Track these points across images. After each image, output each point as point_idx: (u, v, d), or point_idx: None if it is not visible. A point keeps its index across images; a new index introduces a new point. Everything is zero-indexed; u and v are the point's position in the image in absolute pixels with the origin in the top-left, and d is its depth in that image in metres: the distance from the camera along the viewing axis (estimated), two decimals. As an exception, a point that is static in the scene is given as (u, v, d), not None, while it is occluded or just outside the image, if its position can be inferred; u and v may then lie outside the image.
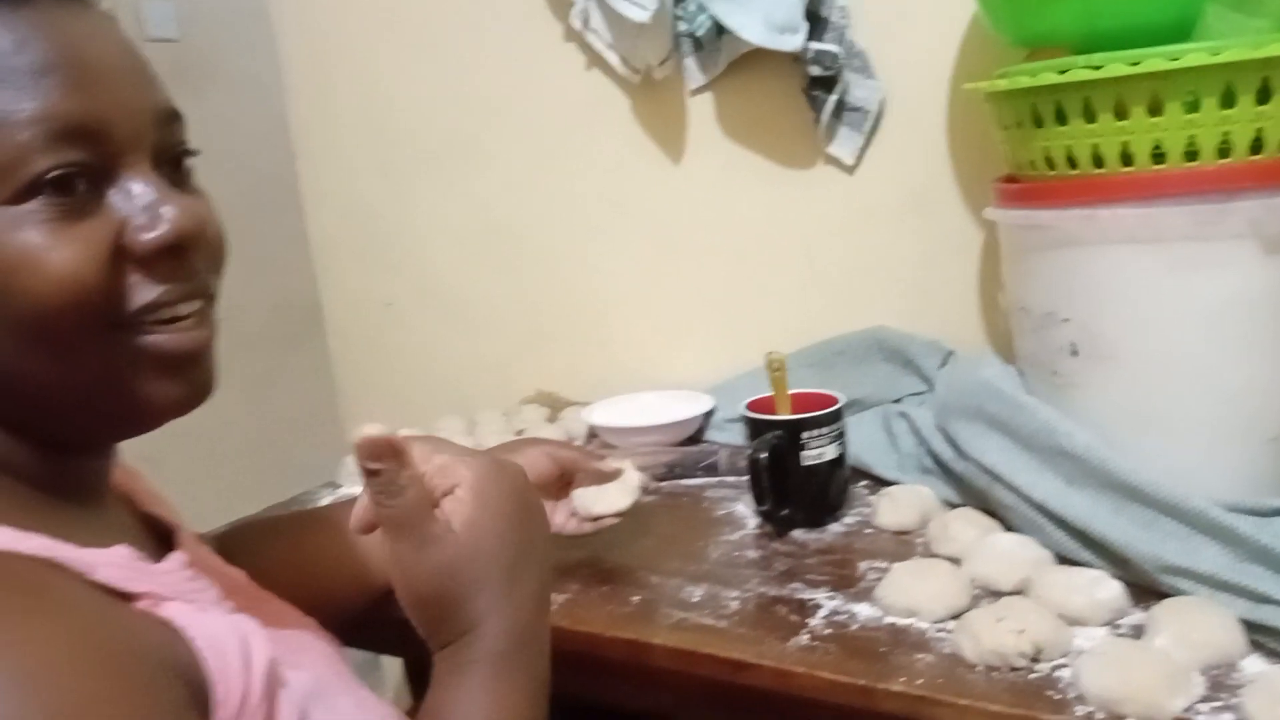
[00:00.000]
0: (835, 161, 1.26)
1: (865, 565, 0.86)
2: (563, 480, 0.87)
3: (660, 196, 1.39)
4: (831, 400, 0.96)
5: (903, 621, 0.76)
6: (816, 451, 0.93)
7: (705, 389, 1.31)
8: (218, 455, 1.45)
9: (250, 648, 0.49)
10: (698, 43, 1.24)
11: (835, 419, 0.94)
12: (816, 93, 1.19)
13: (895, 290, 1.26)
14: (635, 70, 1.31)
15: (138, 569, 0.50)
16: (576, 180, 1.45)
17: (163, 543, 0.62)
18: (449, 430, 1.31)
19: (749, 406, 0.98)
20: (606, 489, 0.86)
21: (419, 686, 1.19)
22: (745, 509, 1.00)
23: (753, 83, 1.27)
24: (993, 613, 0.70)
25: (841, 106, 1.21)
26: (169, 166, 0.55)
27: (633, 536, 0.93)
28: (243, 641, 0.49)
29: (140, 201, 0.51)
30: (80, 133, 0.49)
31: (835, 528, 0.94)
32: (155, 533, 0.63)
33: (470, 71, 1.48)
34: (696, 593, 0.83)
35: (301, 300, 1.71)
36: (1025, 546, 0.81)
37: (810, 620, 0.77)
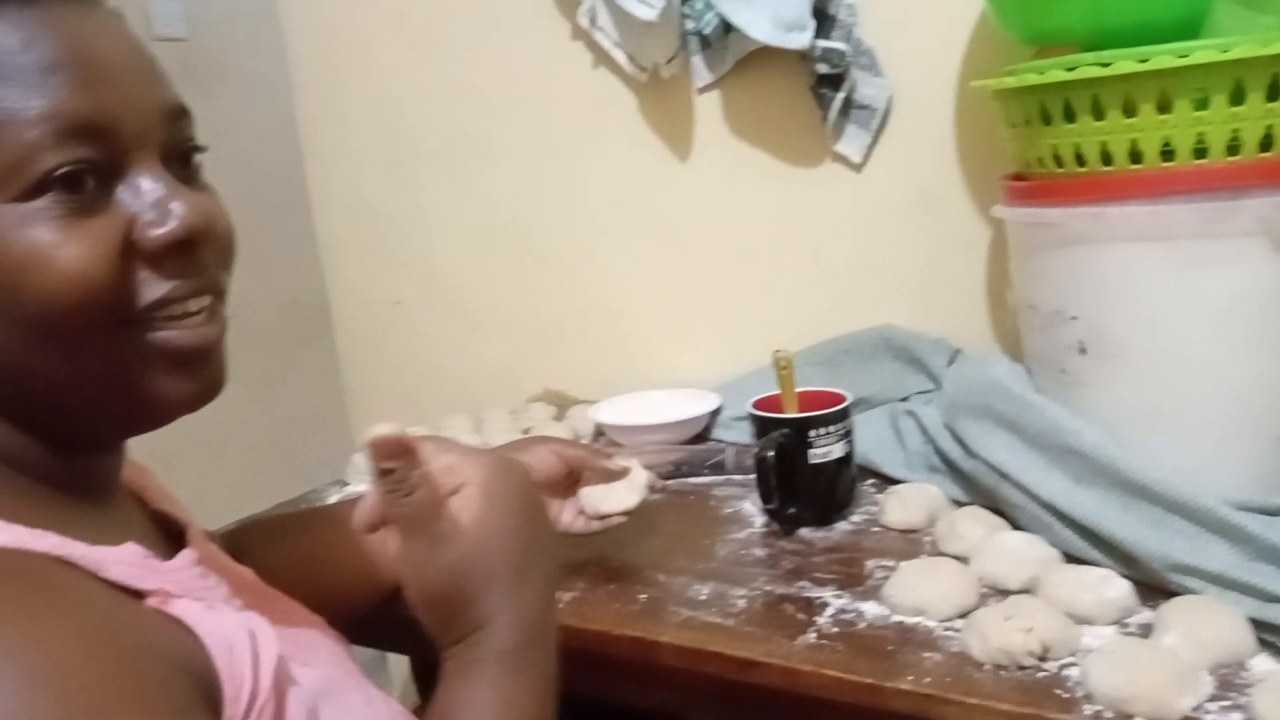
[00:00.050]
0: (843, 159, 1.25)
1: (872, 564, 0.86)
2: (570, 479, 0.87)
3: (667, 195, 1.39)
4: (839, 398, 0.96)
5: (910, 620, 0.76)
6: (824, 450, 0.93)
7: (712, 387, 1.31)
8: (226, 453, 1.46)
9: (259, 645, 0.49)
10: (705, 41, 1.24)
11: (842, 417, 0.94)
12: (824, 91, 1.19)
13: (903, 288, 1.26)
14: (642, 68, 1.31)
15: (147, 566, 0.50)
16: (584, 179, 1.45)
17: (172, 540, 0.62)
18: (456, 428, 1.31)
19: (756, 405, 0.98)
20: (614, 488, 0.86)
21: (425, 684, 1.19)
22: (752, 507, 1.00)
23: (760, 81, 1.27)
24: (1001, 611, 0.70)
25: (849, 104, 1.21)
26: (177, 163, 0.55)
27: (640, 535, 0.94)
28: (252, 639, 0.49)
29: (149, 198, 0.52)
30: (88, 130, 0.49)
31: (842, 526, 0.94)
32: (165, 530, 0.63)
33: (478, 70, 1.48)
34: (704, 591, 0.83)
35: (309, 299, 1.71)
36: (1033, 545, 0.81)
37: (818, 618, 0.77)
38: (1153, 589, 0.75)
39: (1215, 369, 0.81)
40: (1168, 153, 0.80)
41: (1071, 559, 0.80)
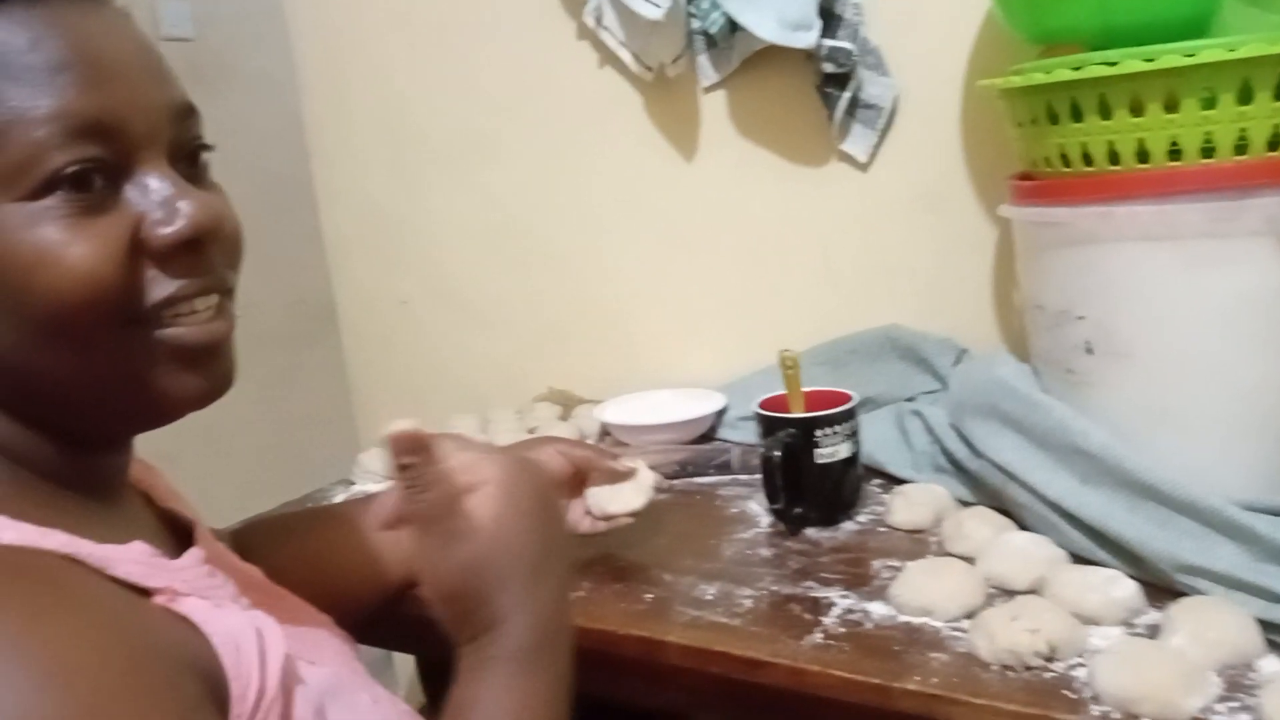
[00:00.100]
0: (849, 159, 1.25)
1: (879, 564, 0.85)
2: (577, 479, 0.87)
3: (673, 194, 1.38)
4: (845, 398, 0.96)
5: (917, 620, 0.75)
6: (830, 450, 0.93)
7: (718, 387, 1.31)
8: (232, 452, 1.46)
9: (266, 644, 0.49)
10: (711, 40, 1.24)
11: (849, 417, 0.94)
12: (830, 90, 1.19)
13: (909, 288, 1.26)
14: (648, 68, 1.31)
15: (155, 565, 0.50)
16: (589, 178, 1.45)
17: (180, 539, 0.62)
18: (462, 428, 1.31)
19: (762, 404, 0.97)
20: (621, 488, 0.86)
21: (431, 684, 1.19)
22: (758, 507, 1.00)
23: (766, 80, 1.27)
24: (1007, 612, 0.70)
25: (855, 104, 1.20)
26: (185, 162, 0.55)
27: (646, 534, 0.93)
28: (259, 637, 0.49)
29: (157, 197, 0.52)
30: (96, 129, 0.49)
31: (849, 526, 0.94)
32: (172, 529, 0.63)
33: (483, 70, 1.48)
34: (710, 591, 0.83)
35: (316, 298, 1.71)
36: (1040, 545, 0.81)
37: (824, 618, 0.77)
38: (1160, 590, 0.75)
39: (1222, 368, 0.81)
40: (1175, 152, 0.80)
41: (1078, 559, 0.80)
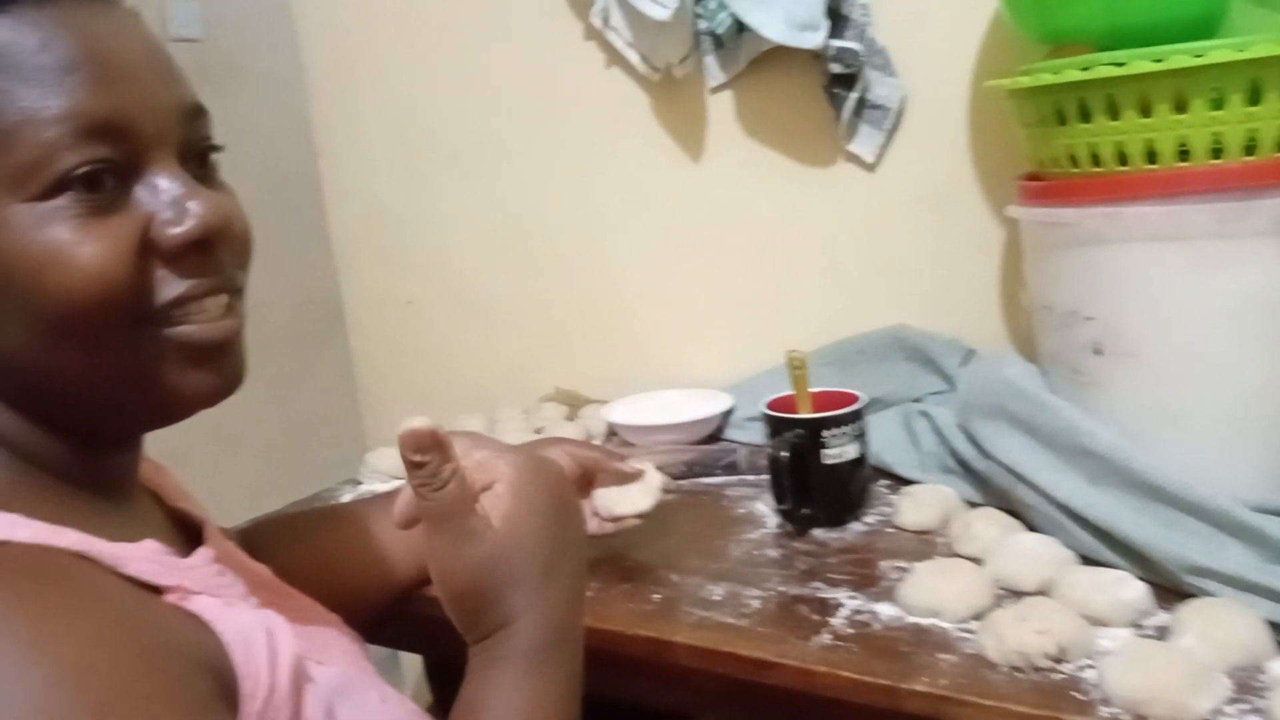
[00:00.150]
0: (856, 159, 1.25)
1: (887, 565, 0.85)
2: (584, 480, 0.87)
3: (680, 195, 1.38)
4: (852, 399, 0.96)
5: (925, 621, 0.75)
6: (837, 450, 0.93)
7: (725, 387, 1.31)
8: (240, 452, 1.46)
9: (277, 642, 0.49)
10: (718, 40, 1.24)
11: (856, 418, 0.94)
12: (837, 90, 1.19)
13: (916, 288, 1.26)
14: (655, 68, 1.31)
15: (166, 563, 0.50)
16: (596, 178, 1.45)
17: (189, 538, 0.62)
18: (469, 428, 1.31)
19: (770, 405, 0.97)
20: (628, 490, 0.86)
21: (438, 684, 1.19)
22: (765, 508, 1.00)
23: (773, 80, 1.27)
24: (1016, 613, 0.70)
25: (862, 104, 1.20)
26: (195, 162, 0.55)
27: (653, 535, 0.93)
28: (269, 636, 0.49)
29: (166, 197, 0.52)
30: (106, 129, 0.49)
31: (856, 527, 0.94)
32: (182, 528, 0.63)
33: (491, 70, 1.48)
34: (717, 591, 0.83)
35: (323, 298, 1.72)
36: (1048, 546, 0.81)
37: (832, 619, 0.77)
38: (1168, 591, 0.75)
39: (1230, 369, 0.81)
40: (1183, 152, 0.80)
41: (1087, 560, 0.80)
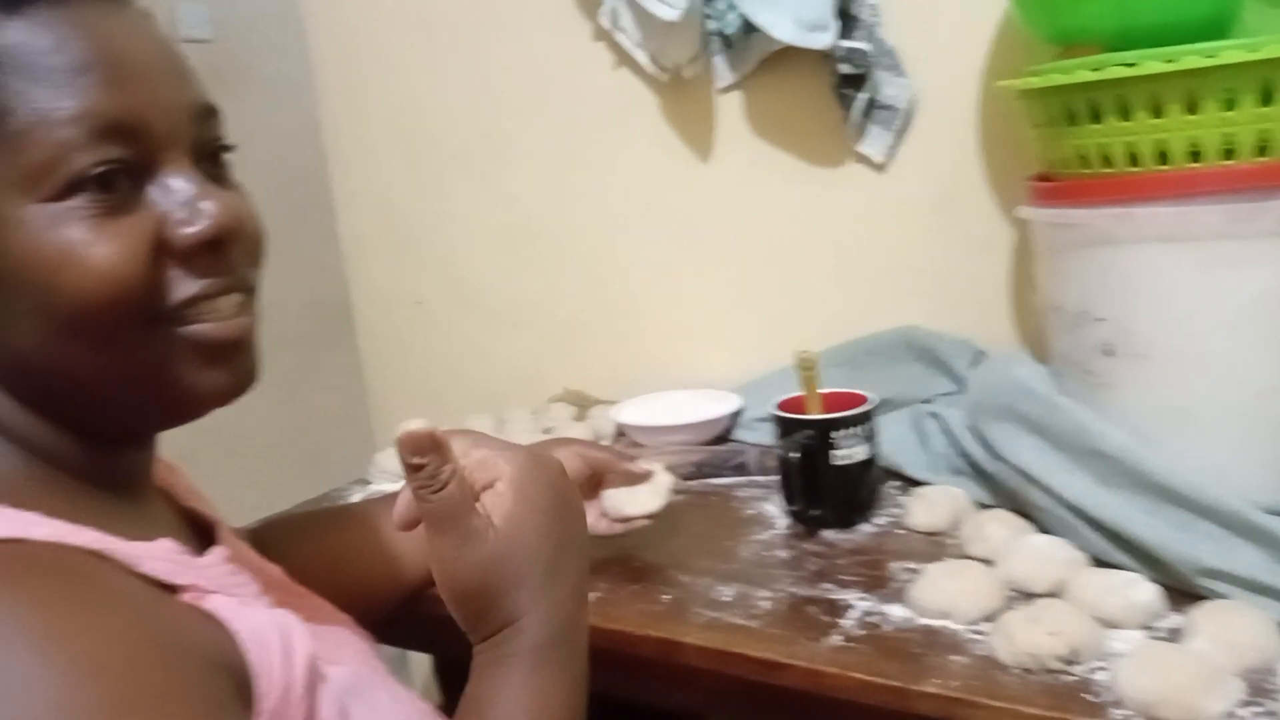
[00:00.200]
0: (865, 160, 1.25)
1: (897, 566, 0.85)
2: (593, 481, 0.87)
3: (689, 195, 1.38)
4: (862, 400, 0.96)
5: (936, 623, 0.75)
6: (847, 451, 0.92)
7: (734, 388, 1.31)
8: (249, 453, 1.47)
9: (291, 642, 0.50)
10: (727, 41, 1.24)
11: (866, 419, 0.94)
12: (846, 91, 1.19)
13: (926, 289, 1.26)
14: (664, 69, 1.31)
15: (182, 562, 0.51)
16: (605, 179, 1.45)
17: (202, 538, 0.62)
18: (478, 428, 1.30)
19: (780, 406, 0.97)
20: (638, 491, 0.86)
21: (447, 683, 1.19)
22: (775, 509, 1.00)
23: (782, 81, 1.27)
24: (1027, 614, 0.70)
25: (872, 104, 1.20)
26: (207, 162, 0.55)
27: (663, 535, 0.93)
28: (284, 635, 0.49)
29: (179, 197, 0.52)
30: (120, 130, 0.50)
31: (866, 528, 0.94)
32: (194, 527, 0.64)
33: (500, 71, 1.49)
34: (727, 592, 0.83)
35: (332, 299, 1.72)
36: (1059, 548, 0.81)
37: (842, 620, 0.77)
38: (1180, 593, 0.75)
39: (1242, 369, 0.81)
40: (1195, 153, 0.79)
41: (1098, 562, 0.80)
